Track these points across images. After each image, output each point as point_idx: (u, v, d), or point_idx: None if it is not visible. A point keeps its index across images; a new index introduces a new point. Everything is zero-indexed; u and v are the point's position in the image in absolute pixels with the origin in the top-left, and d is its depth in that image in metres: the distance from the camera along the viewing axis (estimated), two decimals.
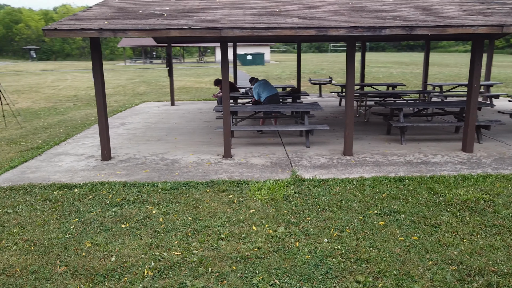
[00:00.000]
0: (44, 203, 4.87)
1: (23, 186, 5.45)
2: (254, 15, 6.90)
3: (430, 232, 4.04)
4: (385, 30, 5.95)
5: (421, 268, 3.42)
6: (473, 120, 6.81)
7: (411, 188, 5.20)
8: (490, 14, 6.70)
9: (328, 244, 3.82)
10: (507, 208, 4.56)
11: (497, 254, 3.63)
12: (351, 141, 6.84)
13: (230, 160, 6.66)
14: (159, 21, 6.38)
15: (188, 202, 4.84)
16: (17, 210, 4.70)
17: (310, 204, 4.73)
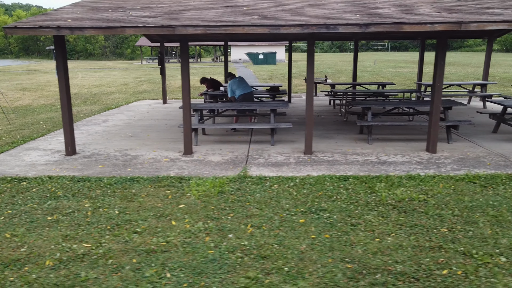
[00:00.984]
0: None
1: None
2: (219, 13, 6.95)
3: (345, 231, 4.00)
4: (339, 27, 5.89)
5: (316, 266, 3.40)
6: (436, 120, 6.66)
7: (351, 187, 5.15)
8: (456, 12, 6.54)
9: (235, 240, 3.84)
10: (437, 208, 4.47)
11: (401, 254, 3.57)
12: (311, 140, 6.80)
13: (189, 157, 6.73)
14: (121, 19, 6.51)
15: (124, 197, 4.94)
16: None
17: (240, 201, 4.75)
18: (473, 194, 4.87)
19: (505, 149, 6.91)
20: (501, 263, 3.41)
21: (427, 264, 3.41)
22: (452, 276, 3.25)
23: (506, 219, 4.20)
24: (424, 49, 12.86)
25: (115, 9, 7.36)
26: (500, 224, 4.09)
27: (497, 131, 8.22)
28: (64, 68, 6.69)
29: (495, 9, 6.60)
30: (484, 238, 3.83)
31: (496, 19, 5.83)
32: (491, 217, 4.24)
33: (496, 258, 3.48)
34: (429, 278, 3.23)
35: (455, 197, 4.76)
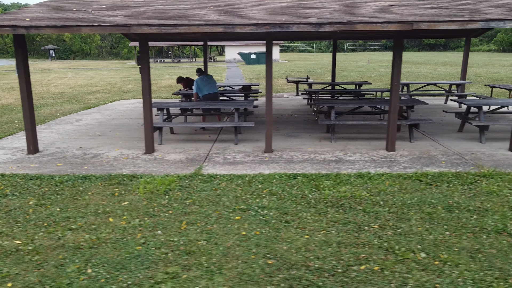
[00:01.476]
0: None
1: None
2: (180, 13, 6.99)
3: (277, 228, 4.04)
4: (292, 27, 5.93)
5: (237, 262, 3.44)
6: (394, 119, 6.70)
7: (298, 185, 5.19)
8: (413, 11, 6.58)
9: (165, 237, 3.88)
10: (375, 206, 4.51)
11: (325, 250, 3.61)
12: (270, 139, 6.84)
13: (149, 155, 6.77)
14: (80, 18, 6.55)
15: (71, 194, 4.98)
16: None
17: (184, 199, 4.79)
18: (415, 191, 4.91)
19: (464, 148, 6.95)
20: (419, 258, 3.46)
21: (347, 260, 3.45)
22: (368, 271, 3.29)
23: (439, 216, 4.24)
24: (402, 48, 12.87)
25: (79, 8, 7.39)
26: (432, 221, 4.14)
27: (463, 130, 8.26)
28: (24, 67, 6.73)
29: (452, 9, 6.65)
30: (411, 234, 3.87)
31: (448, 18, 5.87)
32: (425, 214, 4.28)
33: (417, 254, 3.53)
34: (344, 273, 3.27)
35: (396, 195, 4.81)
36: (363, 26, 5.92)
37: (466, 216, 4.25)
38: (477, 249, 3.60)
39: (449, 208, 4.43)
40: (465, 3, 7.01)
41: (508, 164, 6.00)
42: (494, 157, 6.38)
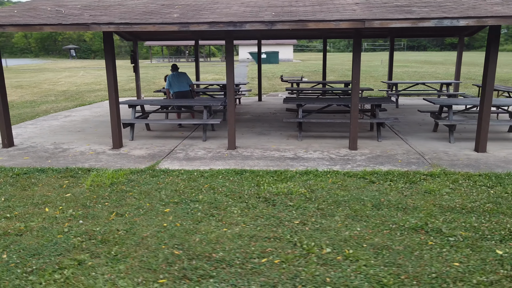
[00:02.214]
0: None
1: None
2: (146, 12, 7.15)
3: (199, 221, 4.15)
4: (245, 25, 6.02)
5: (146, 251, 3.56)
6: (355, 117, 6.70)
7: (241, 181, 5.28)
8: (372, 9, 6.55)
9: (88, 226, 4.04)
10: (307, 202, 4.56)
11: (235, 243, 3.70)
12: (233, 136, 6.94)
13: (115, 150, 6.97)
14: (47, 17, 6.79)
15: (22, 186, 5.20)
16: None
17: (125, 191, 4.95)
18: (354, 189, 4.93)
19: (430, 147, 6.89)
20: (322, 253, 3.50)
21: (251, 253, 3.53)
22: (267, 264, 3.36)
23: (365, 213, 4.26)
24: (393, 49, 12.78)
25: (54, 8, 7.66)
26: (355, 218, 4.16)
27: (437, 130, 8.17)
28: None
29: (415, 7, 6.59)
30: (328, 230, 3.92)
31: (401, 16, 5.84)
32: (352, 211, 4.31)
33: (324, 249, 3.57)
34: (243, 265, 3.35)
35: (333, 192, 4.84)
36: (315, 24, 5.95)
37: (391, 213, 4.25)
38: (386, 245, 3.62)
39: (378, 206, 4.44)
40: (430, 2, 6.94)
41: (465, 164, 5.93)
42: (455, 157, 6.31)
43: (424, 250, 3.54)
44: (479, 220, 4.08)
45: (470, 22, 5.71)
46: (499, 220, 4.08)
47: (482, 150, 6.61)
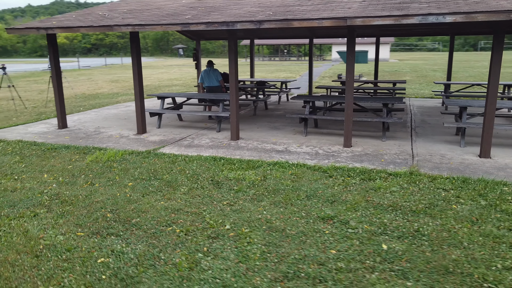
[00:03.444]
0: None
1: None
2: (169, 14, 8.03)
3: (147, 194, 4.81)
4: (236, 24, 6.50)
5: (86, 211, 4.34)
6: (349, 115, 6.73)
7: (211, 166, 5.81)
8: (368, 7, 6.51)
9: (60, 190, 4.97)
10: (250, 188, 4.93)
11: (157, 213, 4.28)
12: (235, 128, 7.47)
13: (137, 136, 7.99)
14: (88, 21, 8.06)
15: (44, 158, 6.42)
16: None
17: (111, 167, 5.84)
18: (305, 181, 5.13)
19: (430, 150, 6.61)
20: (220, 229, 3.91)
21: (163, 222, 4.08)
22: (168, 231, 3.89)
23: (291, 201, 4.51)
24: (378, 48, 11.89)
25: (104, 13, 8.99)
26: (279, 204, 4.44)
27: (459, 133, 7.66)
28: (55, 63, 8.52)
29: (416, 3, 6.38)
30: (245, 212, 4.27)
31: (384, 14, 5.77)
32: (281, 199, 4.58)
33: (224, 226, 3.97)
34: (148, 230, 3.92)
35: (280, 182, 5.12)
36: (299, 23, 6.18)
37: (316, 204, 4.43)
38: (281, 229, 3.88)
39: (310, 197, 4.63)
40: None
41: (451, 168, 5.65)
42: (448, 161, 6.01)
43: (314, 237, 3.74)
44: (395, 217, 4.07)
45: (457, 18, 5.44)
46: (415, 219, 4.01)
47: (485, 156, 6.15)
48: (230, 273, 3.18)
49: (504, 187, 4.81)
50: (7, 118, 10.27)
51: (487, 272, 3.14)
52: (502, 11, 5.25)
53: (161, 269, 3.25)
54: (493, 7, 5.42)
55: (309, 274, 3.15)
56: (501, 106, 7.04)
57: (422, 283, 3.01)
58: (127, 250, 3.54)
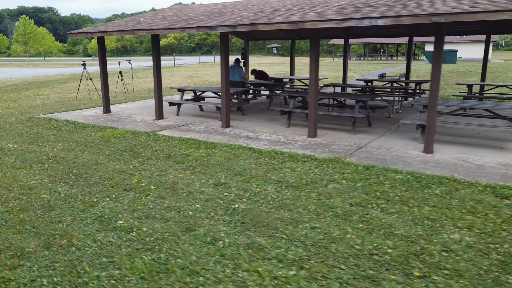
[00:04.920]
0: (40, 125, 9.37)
1: (52, 118, 10.17)
2: (184, 19, 9.50)
3: (112, 160, 6.30)
4: (217, 28, 7.68)
5: (61, 166, 5.98)
6: (312, 108, 7.46)
7: (178, 145, 7.11)
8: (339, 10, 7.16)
9: (58, 153, 6.71)
10: (188, 161, 6.13)
11: (104, 169, 5.73)
12: (225, 117, 8.65)
13: (154, 121, 9.63)
14: (125, 26, 9.90)
15: (70, 133, 8.36)
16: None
17: (109, 141, 7.47)
18: (237, 160, 6.16)
19: (384, 144, 7.06)
20: (132, 183, 5.20)
21: (102, 175, 5.51)
22: (100, 181, 5.31)
23: (205, 170, 5.61)
24: None
25: (142, 19, 10.82)
26: (193, 171, 5.58)
27: None
28: (102, 63, 10.58)
29: (374, 7, 6.86)
30: (164, 175, 5.50)
31: (327, 18, 6.45)
32: (207, 169, 5.70)
33: (138, 182, 5.26)
34: (88, 178, 5.39)
35: (215, 158, 6.21)
36: (263, 27, 7.14)
37: (223, 174, 5.47)
38: (179, 189, 5.04)
39: (225, 169, 5.67)
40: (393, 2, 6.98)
41: (379, 159, 6.16)
42: (384, 153, 6.48)
43: (195, 196, 4.82)
44: (270, 188, 4.94)
45: (387, 21, 5.94)
46: (283, 190, 4.84)
47: (427, 151, 6.47)
48: (115, 210, 4.47)
49: (396, 174, 5.29)
50: (76, 104, 12.80)
51: (291, 228, 3.95)
52: (424, 14, 5.64)
53: (73, 204, 4.67)
54: (420, 11, 5.80)
55: (163, 216, 4.29)
56: (451, 105, 7.11)
57: (237, 231, 3.96)
58: (63, 191, 5.04)
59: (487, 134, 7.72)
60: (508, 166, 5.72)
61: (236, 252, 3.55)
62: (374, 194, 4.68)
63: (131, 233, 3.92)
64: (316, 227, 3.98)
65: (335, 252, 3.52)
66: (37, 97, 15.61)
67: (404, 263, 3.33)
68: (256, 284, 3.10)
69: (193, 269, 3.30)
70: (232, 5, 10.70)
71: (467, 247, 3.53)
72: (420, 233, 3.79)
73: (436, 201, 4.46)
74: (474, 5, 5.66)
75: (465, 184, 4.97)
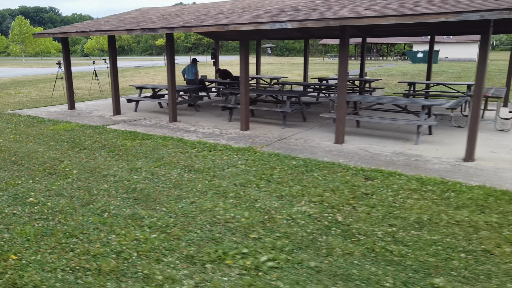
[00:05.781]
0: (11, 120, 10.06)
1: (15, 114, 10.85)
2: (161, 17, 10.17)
3: (50, 149, 6.98)
4: (158, 30, 8.35)
5: (5, 153, 6.66)
6: (244, 104, 8.13)
7: (115, 136, 7.79)
8: (242, 15, 7.82)
9: (4, 143, 7.39)
10: (118, 149, 6.80)
11: (39, 153, 6.40)
12: (173, 112, 9.32)
13: (111, 116, 10.31)
14: (84, 27, 10.58)
15: (28, 126, 9.03)
16: None
17: (56, 134, 8.16)
18: (163, 149, 6.83)
19: (305, 136, 7.72)
20: (71, 172, 5.88)
21: (39, 159, 6.19)
22: (32, 162, 5.98)
23: (127, 158, 6.28)
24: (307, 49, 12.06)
25: (105, 21, 11.49)
26: (117, 156, 6.25)
27: (360, 126, 8.48)
28: (67, 63, 11.26)
29: (292, 11, 7.53)
30: (90, 161, 6.18)
31: (247, 21, 7.11)
32: (127, 156, 6.37)
33: (71, 170, 5.93)
34: (22, 160, 6.07)
35: (145, 148, 6.89)
36: (196, 29, 7.82)
37: (142, 161, 6.14)
38: (98, 173, 5.71)
39: (147, 157, 6.34)
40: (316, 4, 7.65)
41: (291, 148, 6.82)
42: (296, 143, 7.14)
43: (108, 178, 5.49)
44: (166, 169, 5.61)
45: (294, 25, 6.61)
46: (173, 170, 5.52)
47: (338, 142, 7.13)
48: (32, 189, 5.14)
49: (292, 161, 5.97)
50: (49, 102, 13.49)
51: (173, 203, 4.62)
52: (323, 19, 6.30)
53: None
54: (322, 16, 6.46)
55: (71, 194, 4.96)
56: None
57: (127, 205, 4.63)
58: None
59: (405, 128, 8.38)
60: (399, 155, 6.39)
61: (116, 221, 4.23)
62: (260, 176, 5.36)
63: (35, 207, 4.59)
64: (194, 202, 4.65)
65: (198, 221, 4.19)
66: (17, 95, 16.29)
67: (249, 229, 4.00)
68: (118, 243, 3.77)
69: (73, 233, 3.97)
70: (187, 8, 11.37)
71: (307, 216, 4.20)
72: (277, 206, 4.46)
73: (309, 182, 5.13)
74: (370, 11, 6.32)
75: (345, 168, 5.64)
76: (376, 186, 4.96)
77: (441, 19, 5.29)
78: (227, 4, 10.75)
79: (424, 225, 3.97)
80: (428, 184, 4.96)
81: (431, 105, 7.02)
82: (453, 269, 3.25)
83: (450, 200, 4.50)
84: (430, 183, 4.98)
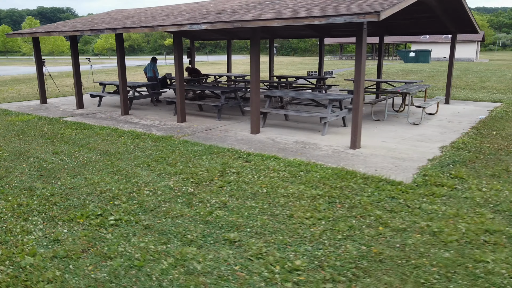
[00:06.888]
0: None
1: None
2: (121, 19, 11.07)
3: (2, 138, 7.91)
4: (104, 31, 9.22)
5: None
6: (179, 98, 8.94)
7: (65, 127, 8.68)
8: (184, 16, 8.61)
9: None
10: (63, 139, 7.69)
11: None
12: (124, 106, 10.19)
13: (74, 110, 11.24)
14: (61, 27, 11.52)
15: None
16: None
17: (13, 124, 9.10)
18: (96, 136, 7.69)
19: (229, 128, 8.50)
20: (3, 156, 6.78)
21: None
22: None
23: (58, 144, 7.15)
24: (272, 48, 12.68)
25: (82, 21, 12.42)
26: (55, 146, 7.13)
27: (288, 119, 9.21)
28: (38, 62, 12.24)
29: (222, 14, 8.30)
30: (27, 148, 7.07)
31: (176, 23, 7.91)
32: (62, 142, 7.25)
33: (4, 153, 6.83)
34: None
35: (84, 136, 7.76)
36: (133, 30, 8.67)
37: (67, 145, 7.00)
38: (26, 153, 6.59)
39: (75, 142, 7.20)
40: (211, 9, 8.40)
41: (206, 137, 7.61)
42: (218, 134, 7.92)
43: (29, 155, 6.36)
44: (84, 153, 6.46)
45: (208, 26, 7.39)
46: (85, 152, 6.36)
47: (253, 133, 7.88)
48: None
49: (196, 147, 6.76)
50: (30, 97, 14.52)
51: (69, 178, 5.45)
52: (229, 21, 7.07)
53: None
54: (232, 18, 7.23)
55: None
56: None
57: (31, 179, 5.48)
58: None
59: (331, 122, 9.07)
60: (298, 143, 7.11)
61: (12, 191, 5.07)
62: (156, 159, 6.17)
63: None
64: (88, 178, 5.47)
65: (80, 192, 5.02)
66: (8, 92, 17.41)
67: (116, 197, 4.80)
68: (3, 207, 4.62)
69: None
70: (150, 10, 12.23)
71: (168, 188, 4.99)
72: (150, 181, 5.27)
73: (194, 163, 5.91)
74: (269, 15, 7.06)
75: (234, 153, 6.40)
76: (247, 166, 5.72)
77: (316, 21, 6.02)
78: (181, 6, 11.57)
79: (257, 196, 4.72)
80: (291, 166, 5.70)
81: (338, 99, 7.72)
82: (251, 227, 4.00)
83: (297, 178, 5.24)
84: (293, 165, 5.72)
